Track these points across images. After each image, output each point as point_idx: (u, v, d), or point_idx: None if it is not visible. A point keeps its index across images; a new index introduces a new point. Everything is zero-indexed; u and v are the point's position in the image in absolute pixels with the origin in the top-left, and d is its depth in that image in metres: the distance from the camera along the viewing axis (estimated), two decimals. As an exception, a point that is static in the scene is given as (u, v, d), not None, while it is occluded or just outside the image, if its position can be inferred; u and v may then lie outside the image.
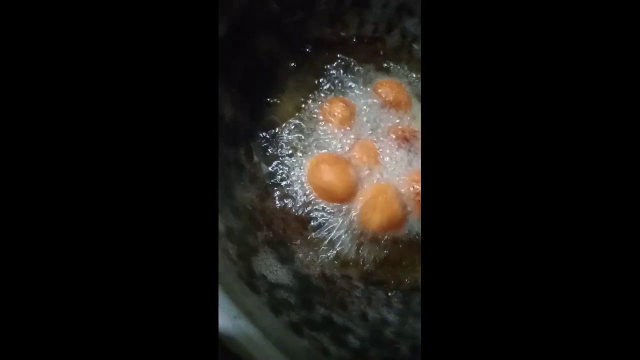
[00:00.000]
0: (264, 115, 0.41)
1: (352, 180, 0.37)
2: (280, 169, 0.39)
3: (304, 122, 0.41)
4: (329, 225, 0.37)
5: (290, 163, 0.39)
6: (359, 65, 0.45)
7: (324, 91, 0.43)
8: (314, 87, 0.43)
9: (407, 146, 0.40)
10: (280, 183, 0.38)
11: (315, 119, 0.41)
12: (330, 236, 0.36)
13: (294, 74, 0.43)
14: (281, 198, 0.37)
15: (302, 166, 0.39)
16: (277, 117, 0.41)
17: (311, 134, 0.40)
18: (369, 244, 0.37)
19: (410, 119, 0.43)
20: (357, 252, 0.36)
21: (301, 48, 0.44)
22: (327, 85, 0.44)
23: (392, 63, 0.47)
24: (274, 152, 0.39)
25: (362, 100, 0.43)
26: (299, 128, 0.41)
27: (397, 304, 0.36)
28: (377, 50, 0.47)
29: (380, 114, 0.42)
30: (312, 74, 0.44)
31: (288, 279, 0.32)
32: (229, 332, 0.23)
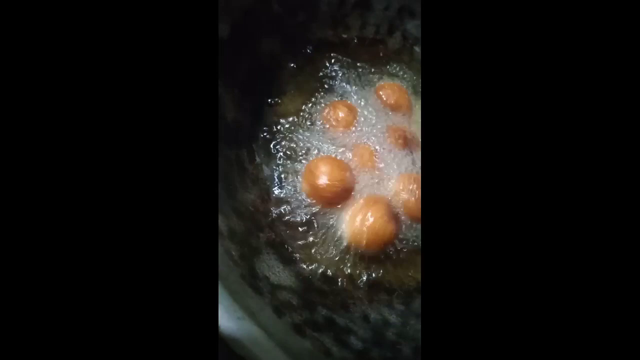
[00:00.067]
0: (265, 116, 0.41)
1: (344, 185, 0.37)
2: (281, 171, 0.39)
3: (305, 124, 0.41)
4: (326, 227, 0.37)
5: (290, 164, 0.39)
6: (361, 67, 0.46)
7: (326, 93, 0.43)
8: (316, 89, 0.43)
9: (406, 149, 0.40)
10: (280, 184, 0.38)
11: (317, 121, 0.41)
12: (329, 238, 0.37)
13: (296, 76, 0.43)
14: (282, 199, 0.37)
15: (303, 167, 0.39)
16: (279, 119, 0.41)
17: (312, 136, 0.41)
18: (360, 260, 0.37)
19: (411, 122, 0.43)
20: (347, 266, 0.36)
21: (303, 49, 0.44)
22: (329, 87, 0.44)
23: (394, 65, 0.47)
24: (275, 154, 0.39)
25: (363, 103, 0.43)
26: (299, 129, 0.41)
27: (399, 305, 0.36)
28: (379, 52, 0.47)
29: (381, 117, 0.42)
30: (314, 75, 0.44)
31: (290, 280, 0.32)
32: (234, 334, 0.23)
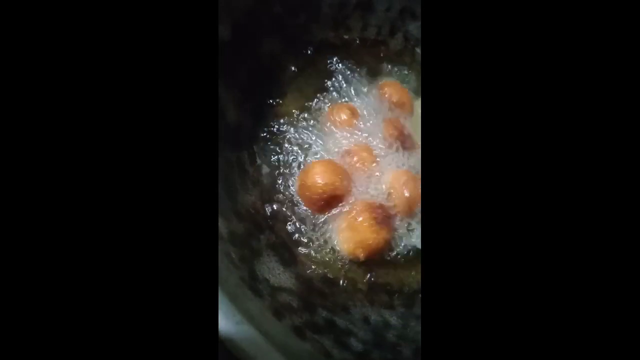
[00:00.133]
0: (267, 118, 0.41)
1: (334, 191, 0.36)
2: (281, 172, 0.39)
3: (306, 125, 0.41)
4: (326, 230, 0.37)
5: (291, 166, 0.39)
6: (362, 67, 0.45)
7: (327, 94, 0.43)
8: (317, 90, 0.43)
9: (403, 146, 0.40)
10: (281, 186, 0.38)
11: (318, 122, 0.41)
12: (329, 240, 0.37)
13: (297, 77, 0.43)
14: (283, 201, 0.37)
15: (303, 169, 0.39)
16: (280, 120, 0.41)
17: (313, 137, 0.41)
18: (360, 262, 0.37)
19: (411, 122, 0.43)
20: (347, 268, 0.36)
21: (304, 51, 0.44)
22: (330, 87, 0.44)
23: (395, 66, 0.47)
24: (276, 155, 0.39)
25: (364, 104, 0.43)
26: (301, 130, 0.41)
27: (400, 306, 0.36)
28: (380, 54, 0.47)
29: (380, 117, 0.42)
30: (315, 76, 0.44)
31: (290, 282, 0.32)
32: (233, 338, 0.23)
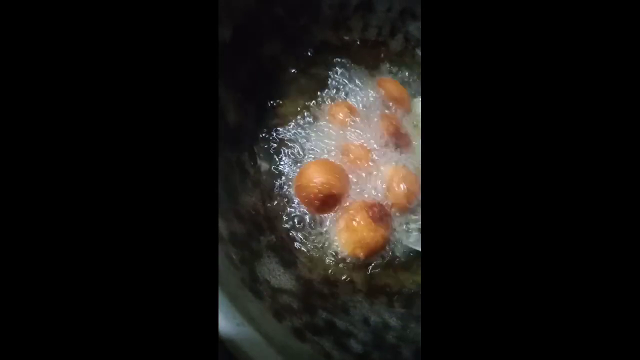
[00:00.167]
0: (267, 119, 0.41)
1: (330, 191, 0.36)
2: (282, 173, 0.39)
3: (306, 125, 0.41)
4: (325, 231, 0.37)
5: (292, 167, 0.39)
6: (361, 66, 0.46)
7: (327, 91, 0.43)
8: (317, 91, 0.43)
9: (399, 144, 0.40)
10: (282, 187, 0.38)
11: (318, 122, 0.41)
12: (330, 241, 0.37)
13: (297, 78, 0.43)
14: (283, 202, 0.38)
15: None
16: (280, 121, 0.41)
17: (313, 137, 0.41)
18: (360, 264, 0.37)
19: (408, 118, 0.43)
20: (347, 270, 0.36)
21: (304, 52, 0.45)
22: (329, 86, 0.44)
23: (395, 66, 0.47)
24: (277, 156, 0.39)
25: (363, 101, 0.43)
26: (301, 131, 0.41)
27: (399, 308, 0.36)
28: (380, 54, 0.47)
29: (379, 113, 0.42)
30: (315, 76, 0.44)
31: (291, 284, 0.32)
32: (233, 340, 0.23)
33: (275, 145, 0.40)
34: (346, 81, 0.44)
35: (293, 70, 0.43)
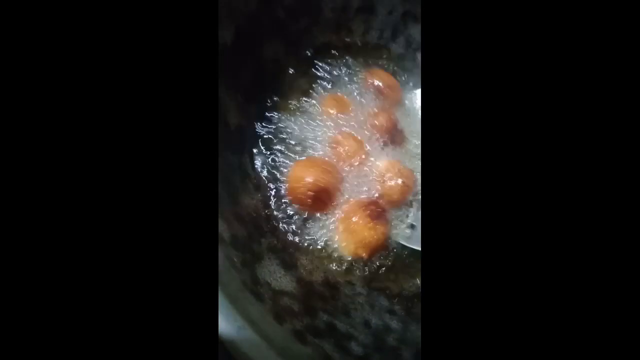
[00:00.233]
0: (268, 120, 0.41)
1: (320, 189, 0.36)
2: (282, 173, 0.39)
3: (306, 124, 0.41)
4: (324, 232, 0.37)
5: (289, 167, 0.39)
6: (360, 68, 0.46)
7: (320, 84, 0.44)
8: (316, 90, 0.43)
9: (393, 140, 0.41)
10: (282, 188, 0.38)
11: (314, 117, 0.42)
12: (329, 243, 0.37)
13: (298, 79, 0.44)
14: (284, 203, 0.38)
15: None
16: (282, 123, 0.41)
17: (312, 135, 0.41)
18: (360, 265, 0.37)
19: (402, 111, 0.44)
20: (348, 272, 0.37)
21: (305, 54, 0.45)
22: (330, 87, 0.44)
23: (395, 68, 0.47)
24: (277, 158, 0.39)
25: (355, 93, 0.43)
26: (301, 130, 0.41)
27: (400, 310, 0.36)
28: (382, 57, 0.47)
29: (371, 105, 0.43)
30: (315, 76, 0.44)
31: (291, 286, 0.32)
32: (234, 342, 0.23)
33: (276, 146, 0.40)
34: (338, 72, 0.45)
35: (291, 71, 0.44)
